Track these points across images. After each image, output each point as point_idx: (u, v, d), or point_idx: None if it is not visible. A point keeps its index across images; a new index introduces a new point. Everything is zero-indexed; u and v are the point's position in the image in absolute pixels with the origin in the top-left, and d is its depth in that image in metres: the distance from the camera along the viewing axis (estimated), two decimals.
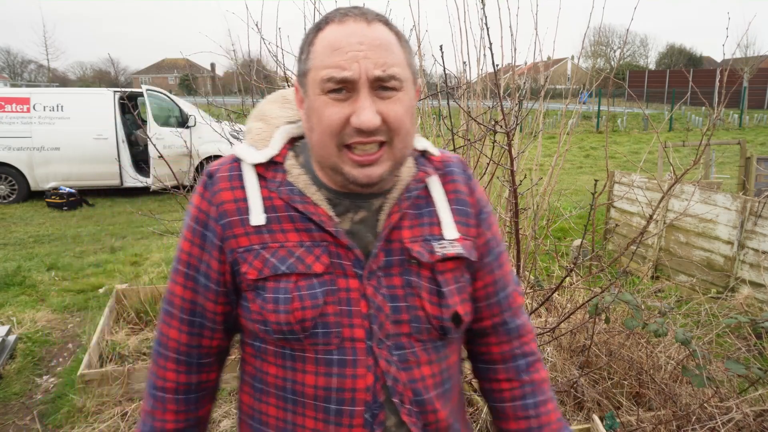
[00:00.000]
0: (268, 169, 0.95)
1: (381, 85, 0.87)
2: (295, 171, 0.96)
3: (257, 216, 0.92)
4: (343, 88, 0.86)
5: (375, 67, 0.85)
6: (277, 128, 1.01)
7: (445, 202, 1.00)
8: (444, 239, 0.98)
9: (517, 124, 2.17)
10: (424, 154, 1.04)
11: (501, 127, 2.08)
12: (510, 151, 2.12)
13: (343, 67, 0.85)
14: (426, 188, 1.00)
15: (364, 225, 0.95)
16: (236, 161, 0.97)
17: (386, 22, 0.91)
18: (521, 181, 2.32)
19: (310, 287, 0.90)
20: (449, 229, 0.99)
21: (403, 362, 0.94)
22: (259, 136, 1.00)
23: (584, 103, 2.28)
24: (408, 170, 1.00)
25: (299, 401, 0.93)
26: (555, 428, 1.05)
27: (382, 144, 0.89)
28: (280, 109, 1.05)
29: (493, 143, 2.27)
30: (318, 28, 0.90)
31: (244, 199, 0.93)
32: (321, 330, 0.90)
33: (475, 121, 2.25)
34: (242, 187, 0.94)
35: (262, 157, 0.95)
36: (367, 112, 0.85)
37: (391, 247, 0.95)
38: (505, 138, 2.07)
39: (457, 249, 0.97)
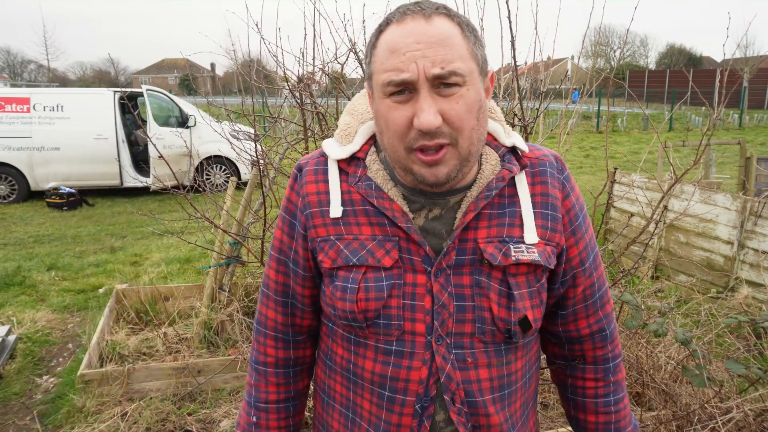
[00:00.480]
0: (351, 164, 0.99)
1: (442, 83, 0.85)
2: (374, 167, 0.98)
3: (335, 209, 0.97)
4: (405, 89, 0.86)
5: (433, 65, 0.84)
6: (362, 123, 1.03)
7: (529, 203, 0.97)
8: (523, 242, 0.95)
9: (536, 118, 2.16)
10: (514, 150, 1.00)
11: (519, 120, 2.08)
12: None
13: (401, 69, 0.85)
14: (513, 186, 0.98)
15: (439, 222, 0.96)
16: (323, 155, 1.02)
17: (447, 14, 0.88)
18: None
19: (377, 280, 0.94)
20: (530, 232, 0.96)
21: (460, 362, 0.95)
22: (344, 132, 1.02)
23: (575, 102, 2.28)
24: (491, 167, 0.97)
25: (359, 383, 1.00)
26: (628, 420, 1.12)
27: (446, 145, 0.88)
28: (367, 103, 1.05)
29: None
30: (380, 30, 0.91)
31: (326, 192, 0.99)
32: (383, 321, 0.94)
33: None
34: (326, 181, 0.99)
35: (344, 153, 0.99)
36: (426, 113, 0.84)
37: (465, 246, 0.95)
38: (522, 132, 2.07)
39: (533, 256, 0.95)
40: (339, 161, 0.99)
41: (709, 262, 4.88)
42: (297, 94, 2.74)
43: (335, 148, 1.00)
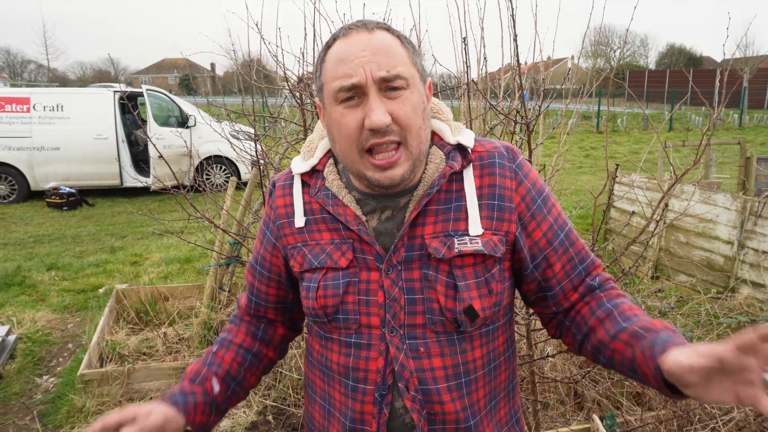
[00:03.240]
0: (312, 177, 1.09)
1: (388, 86, 0.92)
2: (331, 177, 1.06)
3: (299, 219, 1.08)
4: (354, 94, 0.93)
5: (379, 68, 0.92)
6: (322, 139, 1.11)
7: (474, 196, 1.01)
8: (467, 235, 1.00)
9: (538, 116, 2.17)
10: (461, 147, 1.04)
11: (521, 118, 2.09)
12: (529, 143, 2.13)
13: (350, 75, 0.92)
14: (461, 182, 1.03)
15: (391, 222, 1.03)
16: (291, 171, 1.13)
17: (387, 28, 0.97)
18: (540, 170, 2.33)
19: (335, 279, 1.03)
20: (474, 224, 1.00)
21: (413, 351, 1.01)
22: (307, 148, 1.12)
23: (530, 101, 2.30)
24: (435, 166, 1.03)
25: (331, 375, 1.09)
26: (663, 324, 0.95)
27: (398, 145, 0.95)
28: None
29: (512, 134, 2.27)
30: (327, 46, 0.98)
31: (292, 204, 1.10)
32: (342, 316, 1.03)
33: (496, 110, 2.25)
34: (291, 194, 1.10)
35: (306, 167, 1.09)
36: (376, 112, 0.91)
37: (413, 243, 1.01)
38: (524, 128, 2.08)
39: (476, 246, 0.99)
40: (302, 175, 1.09)
41: (709, 262, 4.88)
42: (297, 94, 2.74)
43: (298, 164, 1.10)
